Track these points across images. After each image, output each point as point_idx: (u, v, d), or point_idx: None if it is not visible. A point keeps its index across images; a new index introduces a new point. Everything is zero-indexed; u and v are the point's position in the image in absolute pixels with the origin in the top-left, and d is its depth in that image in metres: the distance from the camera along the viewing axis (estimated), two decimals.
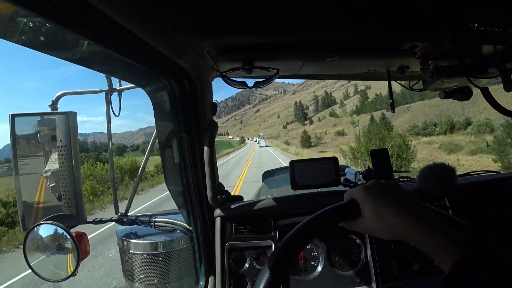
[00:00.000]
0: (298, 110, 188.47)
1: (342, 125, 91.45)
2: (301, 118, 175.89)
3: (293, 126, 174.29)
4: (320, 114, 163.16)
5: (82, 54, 0.62)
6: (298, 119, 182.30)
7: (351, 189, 0.53)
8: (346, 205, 0.52)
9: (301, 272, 1.01)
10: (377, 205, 0.47)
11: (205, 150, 0.98)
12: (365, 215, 0.48)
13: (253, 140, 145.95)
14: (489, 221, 1.02)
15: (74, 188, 1.07)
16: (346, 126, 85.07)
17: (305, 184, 1.05)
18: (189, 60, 0.87)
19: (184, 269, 1.14)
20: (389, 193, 0.49)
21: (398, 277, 0.97)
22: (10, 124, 1.05)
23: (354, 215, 0.50)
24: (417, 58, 0.87)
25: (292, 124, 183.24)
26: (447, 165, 0.97)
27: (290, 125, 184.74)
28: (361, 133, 27.14)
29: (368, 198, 0.49)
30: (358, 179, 1.22)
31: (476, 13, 0.63)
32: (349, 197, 0.52)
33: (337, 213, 0.51)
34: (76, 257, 0.98)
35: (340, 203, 0.52)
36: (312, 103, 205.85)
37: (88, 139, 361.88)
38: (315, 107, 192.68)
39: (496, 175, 1.27)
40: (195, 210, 1.06)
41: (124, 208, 1.28)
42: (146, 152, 1.40)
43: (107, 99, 1.28)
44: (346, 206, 0.52)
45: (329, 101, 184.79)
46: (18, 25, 0.49)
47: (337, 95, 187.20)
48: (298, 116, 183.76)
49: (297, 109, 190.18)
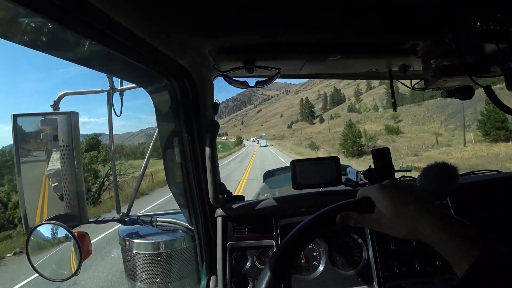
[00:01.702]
0: (305, 108, 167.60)
1: (372, 121, 70.56)
2: (309, 117, 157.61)
3: (299, 125, 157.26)
4: (330, 111, 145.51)
5: (84, 54, 0.62)
6: (305, 117, 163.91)
7: (365, 187, 0.54)
8: (359, 201, 0.53)
9: (303, 272, 1.01)
10: (395, 203, 0.48)
11: (206, 150, 0.98)
12: (381, 212, 0.49)
13: (250, 140, 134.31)
14: (491, 221, 1.01)
15: (76, 187, 1.07)
16: (378, 121, 66.18)
17: (306, 184, 1.05)
18: (190, 60, 0.87)
19: (185, 269, 1.14)
20: (406, 193, 0.49)
21: (400, 277, 0.97)
22: (13, 124, 1.06)
23: (367, 211, 0.51)
24: (419, 57, 0.87)
25: (298, 124, 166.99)
26: (449, 164, 0.96)
27: (295, 125, 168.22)
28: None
29: (385, 196, 0.49)
30: (359, 178, 1.21)
31: (478, 11, 0.63)
32: (363, 195, 0.53)
33: (350, 208, 0.52)
34: (79, 256, 0.98)
35: (354, 199, 0.53)
36: (317, 101, 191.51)
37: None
38: (323, 105, 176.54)
39: (498, 175, 1.26)
40: (196, 210, 1.06)
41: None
42: (147, 152, 1.40)
43: (109, 99, 1.28)
44: (359, 202, 0.53)
45: (339, 98, 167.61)
46: (19, 26, 0.49)
47: (346, 93, 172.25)
48: (305, 114, 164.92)
49: (303, 107, 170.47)
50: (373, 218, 0.50)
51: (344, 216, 0.51)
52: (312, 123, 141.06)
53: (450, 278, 0.94)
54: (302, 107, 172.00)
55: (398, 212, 0.47)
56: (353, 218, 0.51)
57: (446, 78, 0.86)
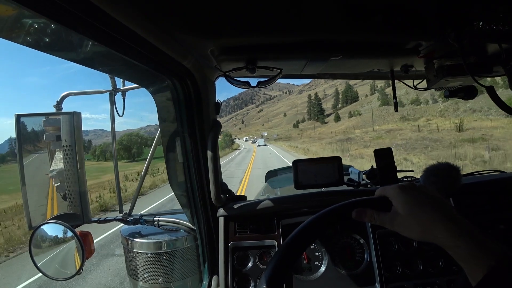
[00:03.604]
0: (314, 105, 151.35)
1: (426, 116, 53.21)
2: (319, 115, 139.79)
3: (306, 124, 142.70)
4: (344, 109, 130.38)
5: (87, 55, 0.63)
6: (313, 116, 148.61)
7: (384, 186, 0.54)
8: (377, 199, 0.53)
9: (305, 272, 1.01)
10: (412, 205, 0.48)
11: (208, 149, 0.98)
12: (398, 212, 0.49)
13: (244, 139, 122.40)
14: (494, 221, 1.01)
15: (79, 187, 1.08)
16: (451, 115, 45.75)
17: (308, 184, 1.05)
18: (192, 60, 0.87)
19: (187, 268, 1.14)
20: (425, 195, 0.50)
21: (402, 278, 0.96)
22: (16, 125, 1.06)
23: (383, 210, 0.51)
24: (421, 57, 0.87)
25: (305, 123, 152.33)
26: (452, 165, 0.96)
27: (302, 124, 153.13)
28: None
29: (403, 196, 0.50)
30: (361, 178, 1.21)
31: (480, 11, 0.63)
32: (381, 193, 0.54)
33: (367, 205, 0.53)
34: (81, 256, 0.99)
35: (371, 197, 0.54)
36: (323, 101, 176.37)
37: (88, 136, 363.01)
38: (334, 102, 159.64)
39: (501, 175, 1.25)
40: (198, 209, 1.06)
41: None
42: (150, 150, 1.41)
43: (111, 99, 1.28)
44: (377, 200, 0.53)
45: (352, 95, 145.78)
46: (23, 27, 0.50)
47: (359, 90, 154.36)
48: (313, 112, 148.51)
49: (311, 105, 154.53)
50: (388, 217, 0.51)
51: (360, 211, 0.52)
52: (324, 122, 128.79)
53: (453, 279, 0.94)
54: (310, 104, 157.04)
55: (414, 213, 0.48)
56: (369, 215, 0.52)
57: (448, 78, 0.86)
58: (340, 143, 39.84)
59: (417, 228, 0.47)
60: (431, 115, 53.79)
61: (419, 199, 0.49)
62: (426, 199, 0.49)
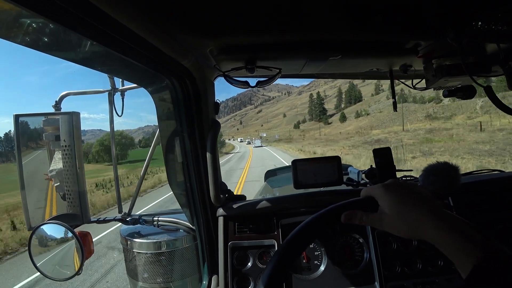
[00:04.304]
0: (316, 105, 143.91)
1: (459, 114, 49.49)
2: (322, 115, 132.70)
3: (308, 125, 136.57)
4: (348, 109, 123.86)
5: (86, 55, 0.62)
6: (314, 117, 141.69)
7: (369, 187, 0.54)
8: (363, 200, 0.53)
9: (304, 271, 1.01)
10: (398, 203, 0.48)
11: (207, 149, 0.98)
12: (385, 212, 0.49)
13: (238, 140, 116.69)
14: (493, 221, 1.01)
15: (78, 187, 1.08)
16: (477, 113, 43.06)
17: (307, 183, 1.05)
18: (191, 60, 0.87)
19: (187, 268, 1.14)
20: (409, 192, 0.49)
21: (401, 277, 0.97)
22: (14, 125, 1.06)
23: (370, 210, 0.51)
24: (420, 57, 0.87)
25: (306, 123, 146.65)
26: (451, 164, 0.96)
27: (303, 125, 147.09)
28: None
29: (387, 195, 0.50)
30: (361, 178, 1.21)
31: (479, 11, 0.63)
32: (366, 194, 0.54)
33: (354, 207, 0.52)
34: (81, 256, 0.99)
35: (357, 198, 0.54)
36: (325, 101, 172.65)
37: (86, 136, 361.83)
38: (337, 103, 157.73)
39: (500, 174, 1.26)
40: (198, 209, 1.06)
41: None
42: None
43: (110, 99, 1.28)
44: (363, 201, 0.53)
45: (356, 95, 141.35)
46: (21, 26, 0.49)
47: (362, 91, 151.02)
48: (315, 112, 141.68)
49: (313, 105, 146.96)
50: (377, 217, 0.50)
51: (349, 214, 0.51)
52: (327, 123, 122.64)
53: (452, 278, 0.94)
54: (311, 104, 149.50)
55: (400, 211, 0.47)
56: (358, 216, 0.51)
57: (447, 78, 0.86)
58: (369, 146, 33.12)
59: (405, 227, 0.47)
60: (470, 112, 48.32)
61: (404, 197, 0.49)
62: (410, 196, 0.49)
